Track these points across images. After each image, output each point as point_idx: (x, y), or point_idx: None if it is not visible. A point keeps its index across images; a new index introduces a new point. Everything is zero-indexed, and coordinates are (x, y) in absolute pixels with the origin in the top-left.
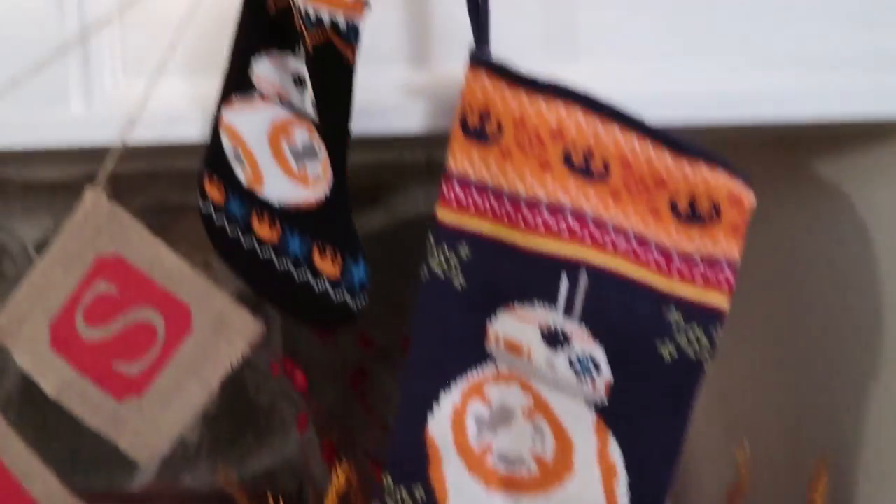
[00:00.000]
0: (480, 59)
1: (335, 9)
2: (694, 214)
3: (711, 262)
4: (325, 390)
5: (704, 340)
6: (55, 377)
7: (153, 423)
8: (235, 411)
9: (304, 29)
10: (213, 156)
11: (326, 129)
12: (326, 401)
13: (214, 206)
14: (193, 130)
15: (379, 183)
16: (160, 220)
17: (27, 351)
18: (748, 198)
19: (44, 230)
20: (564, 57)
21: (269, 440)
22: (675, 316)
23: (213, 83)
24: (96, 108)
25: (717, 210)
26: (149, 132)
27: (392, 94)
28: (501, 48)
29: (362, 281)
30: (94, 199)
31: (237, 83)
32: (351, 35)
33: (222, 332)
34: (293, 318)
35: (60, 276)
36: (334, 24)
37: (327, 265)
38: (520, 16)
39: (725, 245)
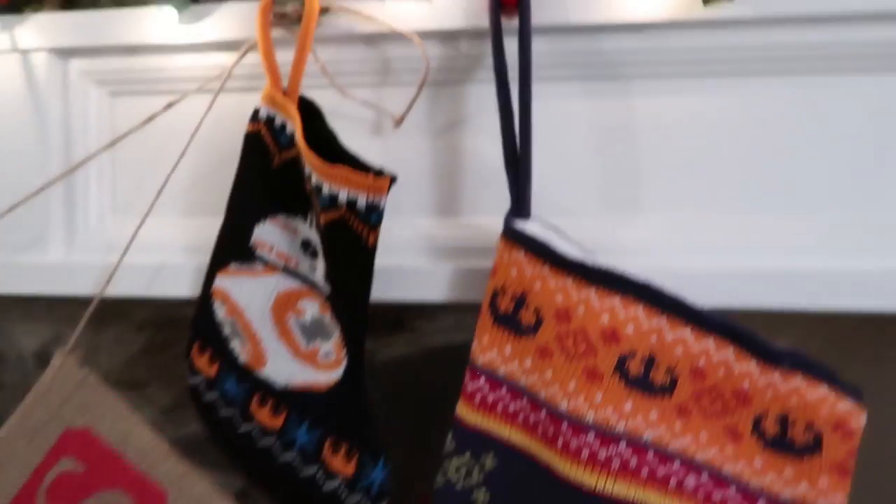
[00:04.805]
0: (516, 233)
1: (356, 189)
2: (785, 440)
3: None
4: None
5: None
6: None
7: None
8: None
9: (315, 202)
10: (203, 324)
11: (341, 308)
12: None
13: (206, 380)
14: (184, 286)
15: (403, 305)
16: (164, 336)
17: None
18: (857, 420)
19: (42, 339)
20: (624, 209)
21: None
22: None
23: (208, 225)
24: (77, 254)
25: (816, 439)
26: (131, 286)
27: (416, 254)
28: (548, 197)
29: (383, 485)
30: (62, 363)
31: (235, 250)
32: (371, 216)
33: None
34: None
35: (22, 448)
36: (351, 204)
37: (339, 462)
38: (571, 165)
39: (827, 488)
